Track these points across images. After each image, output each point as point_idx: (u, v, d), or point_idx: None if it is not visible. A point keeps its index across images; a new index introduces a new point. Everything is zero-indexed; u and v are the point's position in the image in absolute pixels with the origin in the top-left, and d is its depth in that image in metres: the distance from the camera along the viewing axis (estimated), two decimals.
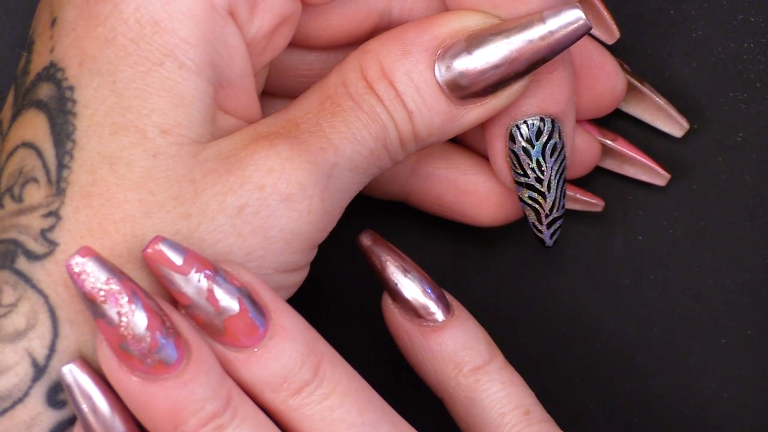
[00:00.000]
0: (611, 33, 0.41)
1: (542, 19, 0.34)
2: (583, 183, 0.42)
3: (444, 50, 0.34)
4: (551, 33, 0.34)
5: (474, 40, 0.34)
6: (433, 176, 0.40)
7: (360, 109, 0.34)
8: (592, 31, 0.41)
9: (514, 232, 0.43)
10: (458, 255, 0.43)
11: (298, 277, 0.35)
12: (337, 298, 0.43)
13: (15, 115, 0.34)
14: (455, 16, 0.35)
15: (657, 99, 0.42)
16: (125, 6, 0.32)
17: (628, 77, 0.41)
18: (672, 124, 0.42)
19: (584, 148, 0.40)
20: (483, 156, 0.40)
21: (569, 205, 0.42)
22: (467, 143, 0.41)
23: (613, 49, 0.41)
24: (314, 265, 0.36)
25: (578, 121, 0.41)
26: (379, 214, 0.43)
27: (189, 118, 0.33)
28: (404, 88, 0.34)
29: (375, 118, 0.34)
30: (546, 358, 0.43)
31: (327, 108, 0.34)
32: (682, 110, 0.43)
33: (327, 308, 0.43)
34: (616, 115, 0.43)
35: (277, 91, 0.38)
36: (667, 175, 0.42)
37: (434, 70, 0.34)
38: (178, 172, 0.32)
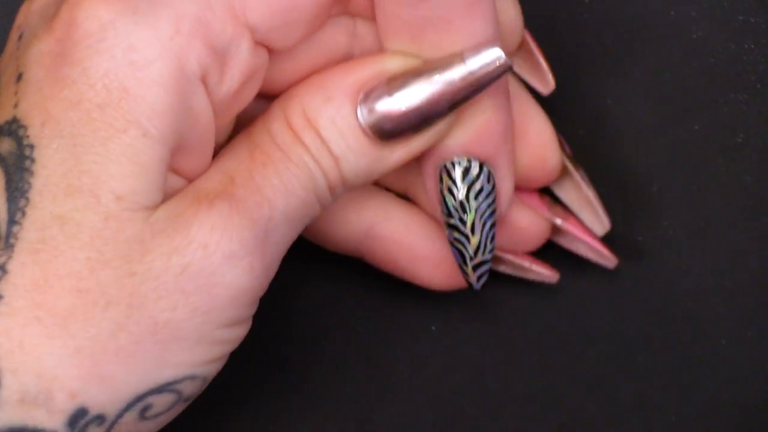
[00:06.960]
0: (546, 83, 0.41)
1: (462, 60, 0.34)
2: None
3: (366, 94, 0.35)
4: (471, 73, 0.34)
5: (395, 83, 0.34)
6: (389, 240, 0.40)
7: (289, 160, 0.34)
8: (528, 80, 0.41)
9: None
10: None
11: (242, 331, 0.35)
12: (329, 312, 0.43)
13: None
14: (376, 59, 0.35)
15: (587, 191, 0.41)
16: (93, 71, 0.32)
17: (565, 159, 0.40)
18: (595, 221, 0.42)
19: (529, 227, 0.40)
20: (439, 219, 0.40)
21: (523, 275, 0.41)
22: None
23: (609, 54, 0.41)
24: (306, 277, 0.36)
25: (526, 194, 0.40)
26: None
27: (146, 186, 0.33)
28: (329, 135, 0.34)
29: (304, 169, 0.34)
30: (546, 358, 0.43)
31: (257, 158, 0.34)
32: (683, 111, 0.43)
33: (323, 308, 0.43)
34: None
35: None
36: (615, 259, 0.41)
37: (357, 113, 0.35)
38: (127, 234, 0.32)
